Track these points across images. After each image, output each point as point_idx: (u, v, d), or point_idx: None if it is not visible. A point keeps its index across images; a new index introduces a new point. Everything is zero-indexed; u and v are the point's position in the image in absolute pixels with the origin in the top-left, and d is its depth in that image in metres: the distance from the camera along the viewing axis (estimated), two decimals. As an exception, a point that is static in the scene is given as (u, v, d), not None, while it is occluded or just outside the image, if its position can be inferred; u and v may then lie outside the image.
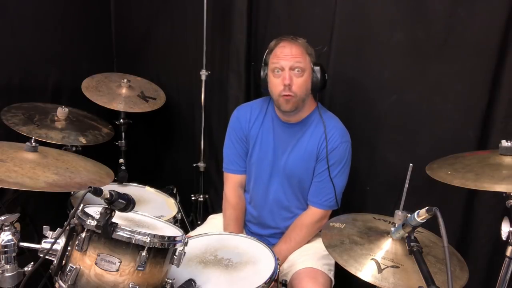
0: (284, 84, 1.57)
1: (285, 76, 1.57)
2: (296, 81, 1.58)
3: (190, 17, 2.35)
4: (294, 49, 1.59)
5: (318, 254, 1.63)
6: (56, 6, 2.23)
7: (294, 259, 1.65)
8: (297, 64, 1.58)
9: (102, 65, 2.51)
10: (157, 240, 1.11)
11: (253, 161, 1.78)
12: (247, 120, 1.78)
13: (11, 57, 2.03)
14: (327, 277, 1.57)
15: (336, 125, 1.69)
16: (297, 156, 1.69)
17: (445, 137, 1.79)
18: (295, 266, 1.60)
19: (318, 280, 1.52)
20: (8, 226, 1.20)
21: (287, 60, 1.57)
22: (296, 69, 1.58)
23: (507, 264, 1.24)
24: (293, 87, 1.57)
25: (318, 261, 1.60)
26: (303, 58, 1.59)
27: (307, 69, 1.60)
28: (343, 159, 1.66)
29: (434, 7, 1.73)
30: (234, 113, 1.84)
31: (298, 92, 1.59)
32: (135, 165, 2.47)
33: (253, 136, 1.77)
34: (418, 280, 1.00)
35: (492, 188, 1.16)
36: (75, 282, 1.08)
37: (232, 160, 1.82)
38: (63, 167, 1.42)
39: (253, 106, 1.82)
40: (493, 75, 1.67)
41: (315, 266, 1.57)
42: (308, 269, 1.56)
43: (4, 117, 1.83)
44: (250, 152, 1.78)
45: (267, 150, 1.74)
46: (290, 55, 1.58)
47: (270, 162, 1.74)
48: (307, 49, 1.62)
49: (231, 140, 1.82)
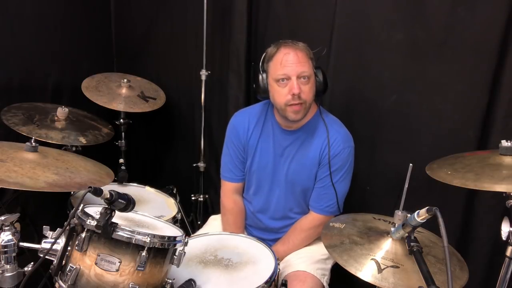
0: (293, 93, 1.49)
1: (293, 86, 1.49)
2: (304, 89, 1.51)
3: (190, 17, 2.35)
4: (299, 56, 1.51)
5: (313, 258, 1.62)
6: (56, 6, 2.23)
7: (289, 260, 1.65)
8: (304, 73, 1.51)
9: (102, 65, 2.51)
10: (157, 240, 1.11)
11: (254, 170, 1.74)
12: (245, 129, 1.72)
13: (11, 57, 2.03)
14: (318, 282, 1.55)
15: (338, 129, 1.64)
16: (299, 164, 1.65)
17: (445, 137, 1.79)
18: (290, 267, 1.60)
19: (307, 284, 1.51)
20: (8, 226, 1.20)
21: (293, 68, 1.50)
22: (303, 77, 1.51)
23: (507, 264, 1.24)
24: (302, 95, 1.51)
25: (312, 265, 1.59)
26: (308, 64, 1.53)
27: (312, 75, 1.55)
28: (345, 164, 1.62)
29: (434, 7, 1.73)
30: (231, 120, 1.79)
31: (308, 99, 1.53)
32: (135, 165, 2.47)
33: (252, 145, 1.72)
34: (418, 280, 1.00)
35: (492, 188, 1.16)
36: (75, 282, 1.08)
37: (228, 168, 1.79)
38: (63, 167, 1.42)
39: (251, 112, 1.76)
40: (493, 75, 1.67)
41: (307, 270, 1.56)
42: (300, 272, 1.56)
43: (4, 117, 1.83)
44: (250, 161, 1.74)
45: (267, 158, 1.70)
46: (295, 63, 1.50)
47: (271, 170, 1.70)
48: (309, 54, 1.56)
49: (228, 148, 1.78)
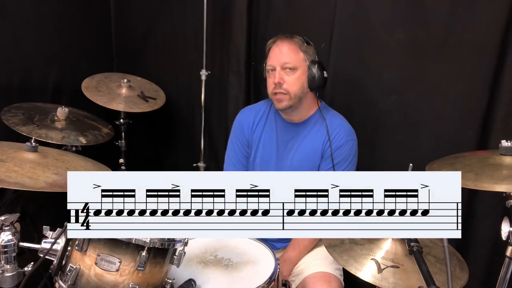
0: (274, 82, 1.59)
1: (275, 75, 1.59)
2: (288, 79, 1.59)
3: (190, 17, 2.35)
4: (286, 47, 1.60)
5: (328, 258, 1.60)
6: (56, 7, 2.23)
7: (306, 262, 1.65)
8: (288, 63, 1.58)
9: (102, 65, 2.51)
10: (157, 240, 1.10)
11: (257, 163, 1.76)
12: (249, 124, 1.77)
13: (11, 57, 2.03)
14: (339, 281, 1.57)
15: (341, 123, 1.67)
16: (302, 155, 1.68)
17: (445, 137, 1.79)
18: (307, 270, 1.60)
19: (332, 284, 1.53)
20: (8, 226, 1.20)
21: (278, 59, 1.59)
22: (288, 68, 1.58)
23: (507, 264, 1.24)
24: (284, 85, 1.58)
25: (330, 265, 1.60)
26: (294, 55, 1.59)
27: (300, 67, 1.60)
28: (348, 157, 1.64)
29: (434, 7, 1.73)
30: (237, 116, 1.83)
31: (291, 89, 1.59)
32: (135, 165, 2.47)
33: (256, 139, 1.75)
34: (418, 280, 1.00)
35: (492, 188, 1.16)
36: (75, 282, 1.08)
37: (231, 163, 1.81)
38: (63, 167, 1.42)
39: (256, 109, 1.81)
40: (493, 75, 1.67)
41: (328, 270, 1.57)
42: (321, 273, 1.56)
43: (4, 117, 1.83)
44: (253, 155, 1.76)
45: (271, 150, 1.73)
46: (280, 54, 1.59)
47: (274, 163, 1.72)
48: (301, 47, 1.61)
49: (233, 143, 1.81)
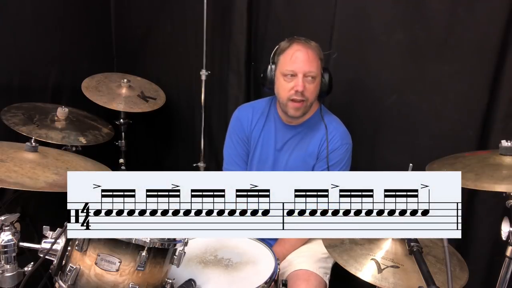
0: (296, 90, 1.55)
1: (298, 83, 1.55)
2: (309, 87, 1.57)
3: (190, 17, 2.35)
4: (310, 54, 1.56)
5: (315, 256, 1.63)
6: (56, 6, 2.23)
7: (291, 259, 1.65)
8: (311, 72, 1.56)
9: (102, 65, 2.51)
10: (157, 240, 1.10)
11: (255, 162, 1.77)
12: (248, 120, 1.77)
13: (11, 57, 2.03)
14: (322, 280, 1.56)
15: (337, 127, 1.68)
16: (298, 157, 1.69)
17: (445, 137, 1.79)
18: (291, 267, 1.60)
19: (311, 283, 1.52)
20: (8, 226, 1.20)
21: (301, 66, 1.55)
22: (310, 76, 1.56)
23: (507, 264, 1.24)
24: (306, 93, 1.56)
25: (314, 263, 1.59)
26: (316, 64, 1.58)
27: (319, 75, 1.60)
28: (342, 160, 1.65)
29: (434, 7, 1.73)
30: (235, 112, 1.82)
31: (310, 97, 1.59)
32: (135, 165, 2.47)
33: (255, 137, 1.76)
34: (418, 280, 1.00)
35: (492, 188, 1.17)
36: (75, 282, 1.08)
37: (233, 161, 1.81)
38: (63, 167, 1.42)
39: (255, 106, 1.80)
40: (493, 75, 1.67)
41: (310, 269, 1.56)
42: (303, 271, 1.56)
43: (4, 117, 1.83)
44: (252, 153, 1.77)
45: (268, 151, 1.74)
46: (305, 61, 1.55)
47: (271, 164, 1.73)
48: (319, 55, 1.60)
49: (232, 140, 1.80)
